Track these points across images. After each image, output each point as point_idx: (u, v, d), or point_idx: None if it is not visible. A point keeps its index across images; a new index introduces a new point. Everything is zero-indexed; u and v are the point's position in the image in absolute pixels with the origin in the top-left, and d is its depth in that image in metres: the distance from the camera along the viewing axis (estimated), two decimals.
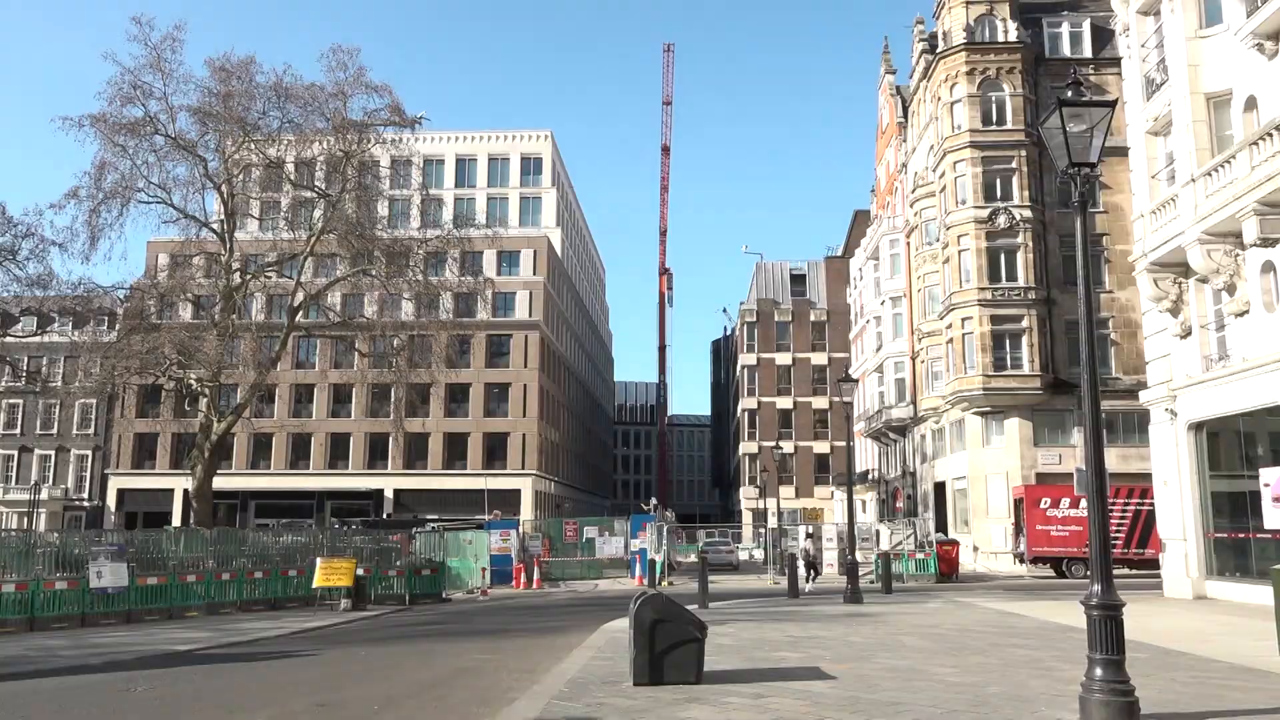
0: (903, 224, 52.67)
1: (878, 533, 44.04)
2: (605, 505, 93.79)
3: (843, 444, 62.05)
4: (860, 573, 23.79)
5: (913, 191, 49.59)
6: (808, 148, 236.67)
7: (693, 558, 41.48)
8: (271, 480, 66.67)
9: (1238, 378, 19.97)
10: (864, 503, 63.31)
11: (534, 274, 72.25)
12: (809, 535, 34.95)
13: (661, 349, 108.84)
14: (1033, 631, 15.20)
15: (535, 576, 34.41)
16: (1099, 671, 7.45)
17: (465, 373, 65.16)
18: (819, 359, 79.62)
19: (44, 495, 64.63)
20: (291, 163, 35.81)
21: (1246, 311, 20.07)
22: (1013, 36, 42.77)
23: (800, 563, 29.08)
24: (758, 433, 78.69)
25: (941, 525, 45.26)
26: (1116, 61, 32.34)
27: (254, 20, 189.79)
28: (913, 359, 50.69)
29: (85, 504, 67.09)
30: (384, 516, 59.62)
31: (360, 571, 24.05)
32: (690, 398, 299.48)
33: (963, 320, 41.67)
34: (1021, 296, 40.91)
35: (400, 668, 12.86)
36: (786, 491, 71.25)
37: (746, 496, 78.43)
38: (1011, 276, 41.30)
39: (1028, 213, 41.31)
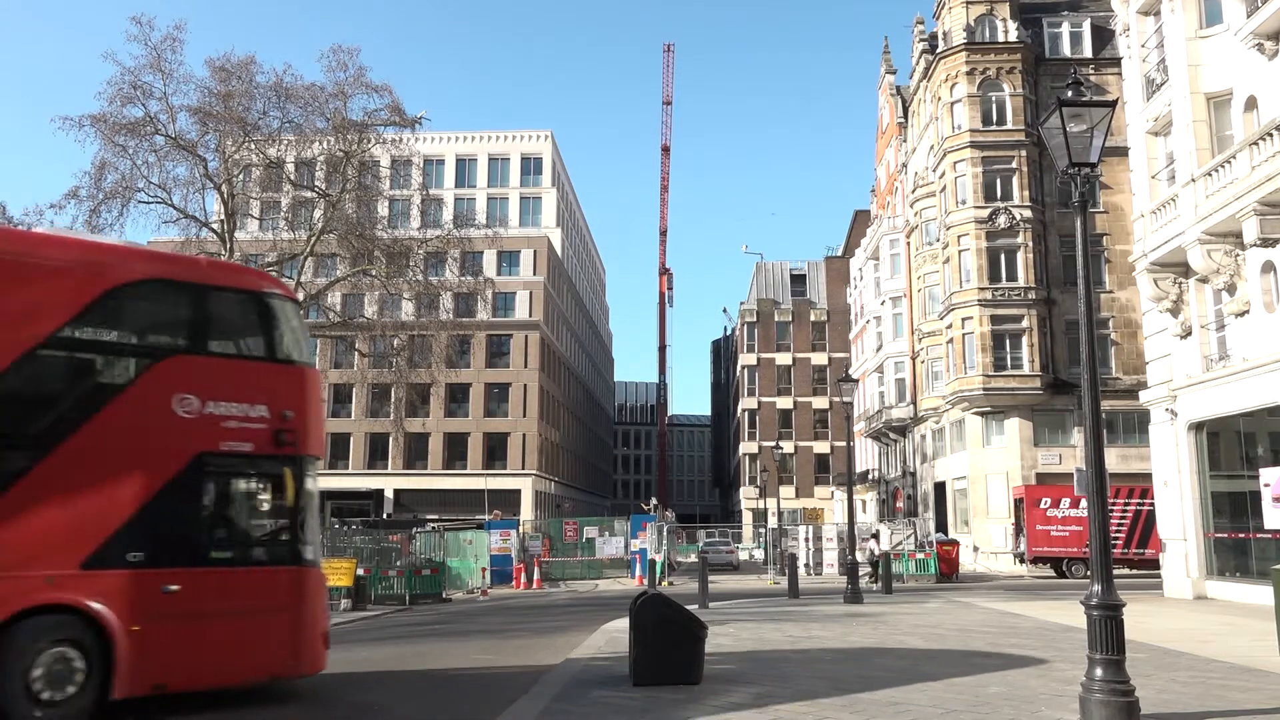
0: (903, 224, 52.68)
1: (878, 533, 44.01)
2: (605, 505, 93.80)
3: (843, 444, 62.08)
4: (860, 573, 23.78)
5: (913, 191, 49.59)
6: (808, 148, 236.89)
7: (693, 558, 41.50)
8: None
9: (1238, 378, 19.96)
10: (864, 503, 63.31)
11: (534, 274, 72.27)
12: (874, 535, 34.86)
13: (661, 349, 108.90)
14: (1033, 631, 15.19)
15: (535, 576, 34.42)
16: (1099, 671, 7.45)
17: (465, 373, 65.17)
18: (819, 359, 79.62)
19: None
20: (291, 163, 35.78)
21: (1247, 311, 20.07)
22: (1013, 36, 42.77)
23: (868, 562, 29.71)
24: (758, 433, 78.69)
25: (941, 525, 45.26)
26: (1116, 61, 32.35)
27: (254, 20, 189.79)
28: (913, 359, 50.69)
29: None
30: (384, 516, 59.65)
31: (360, 571, 24.08)
32: (690, 398, 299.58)
33: (963, 320, 41.68)
34: (1021, 296, 40.91)
35: (400, 668, 12.86)
36: (786, 491, 71.25)
37: (746, 496, 78.43)
38: (1011, 276, 41.30)
39: (1028, 213, 41.31)
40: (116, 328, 10.13)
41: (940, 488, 46.94)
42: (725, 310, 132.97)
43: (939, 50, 44.53)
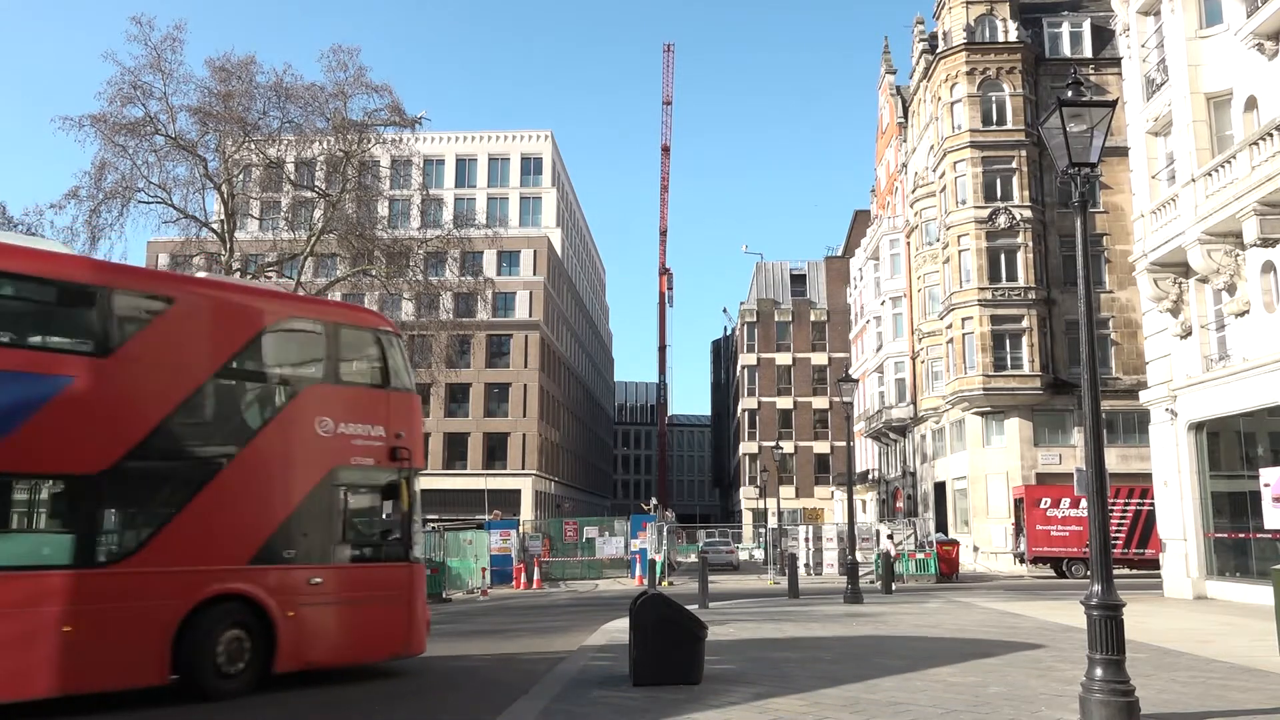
0: (903, 224, 52.68)
1: (878, 533, 44.02)
2: (605, 505, 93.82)
3: (843, 444, 62.07)
4: (860, 573, 23.78)
5: (913, 191, 49.59)
6: (808, 148, 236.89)
7: (693, 558, 41.49)
8: None
9: (1238, 378, 19.96)
10: (864, 503, 63.31)
11: (534, 274, 72.25)
12: (889, 535, 34.81)
13: (661, 349, 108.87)
14: (1033, 631, 15.19)
15: (535, 576, 34.41)
16: (1099, 671, 7.44)
17: (465, 373, 65.13)
18: (819, 359, 79.61)
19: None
20: (291, 163, 35.78)
21: (1247, 311, 20.07)
22: (1013, 36, 42.77)
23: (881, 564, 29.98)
24: (758, 433, 78.67)
25: (941, 525, 45.25)
26: (1116, 61, 32.35)
27: (254, 20, 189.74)
28: (913, 359, 50.68)
29: None
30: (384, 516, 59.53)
31: None
32: (690, 398, 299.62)
33: (963, 320, 41.67)
34: (1021, 296, 40.91)
35: (399, 667, 12.85)
36: (786, 491, 71.25)
37: (746, 496, 78.41)
38: (1011, 276, 41.30)
39: (1028, 213, 41.31)
40: (270, 361, 11.84)
41: (940, 488, 46.93)
42: (725, 310, 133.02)
43: (939, 50, 44.53)
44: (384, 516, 12.52)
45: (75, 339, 10.45)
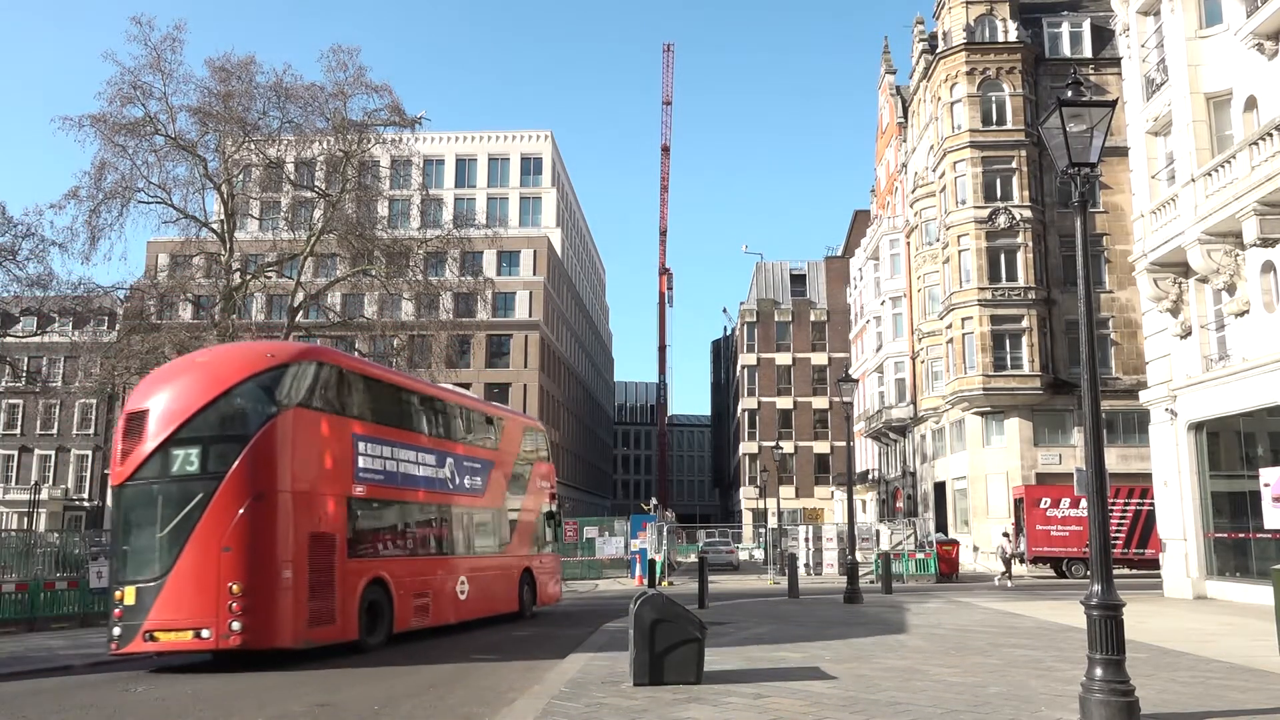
0: (903, 224, 52.68)
1: (878, 533, 44.00)
2: (605, 505, 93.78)
3: (843, 444, 62.04)
4: (860, 573, 23.77)
5: (913, 191, 49.59)
6: (808, 148, 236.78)
7: (693, 558, 41.48)
8: None
9: (1238, 378, 19.96)
10: (864, 503, 63.30)
11: (534, 274, 72.23)
12: (1005, 534, 34.78)
13: (661, 349, 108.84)
14: (1033, 631, 15.19)
15: None
16: (1099, 671, 7.43)
17: (465, 373, 64.96)
18: (819, 359, 79.60)
19: (44, 495, 64.57)
20: (291, 163, 35.77)
21: (1246, 311, 20.07)
22: (1013, 36, 42.77)
23: (999, 560, 31.83)
24: (758, 433, 78.66)
25: (941, 525, 45.25)
26: (1116, 61, 32.35)
27: (254, 20, 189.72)
28: (913, 359, 50.69)
29: (85, 504, 67.00)
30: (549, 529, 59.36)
31: None
32: (690, 398, 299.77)
33: (963, 320, 41.68)
34: (1021, 296, 40.91)
35: (400, 668, 12.86)
36: (786, 491, 71.24)
37: (746, 496, 78.41)
38: (1011, 276, 41.30)
39: (1028, 213, 41.30)
40: (527, 449, 21.99)
41: (940, 488, 46.93)
42: (725, 310, 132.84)
43: (939, 50, 44.53)
44: (552, 528, 22.78)
45: (492, 442, 20.19)
